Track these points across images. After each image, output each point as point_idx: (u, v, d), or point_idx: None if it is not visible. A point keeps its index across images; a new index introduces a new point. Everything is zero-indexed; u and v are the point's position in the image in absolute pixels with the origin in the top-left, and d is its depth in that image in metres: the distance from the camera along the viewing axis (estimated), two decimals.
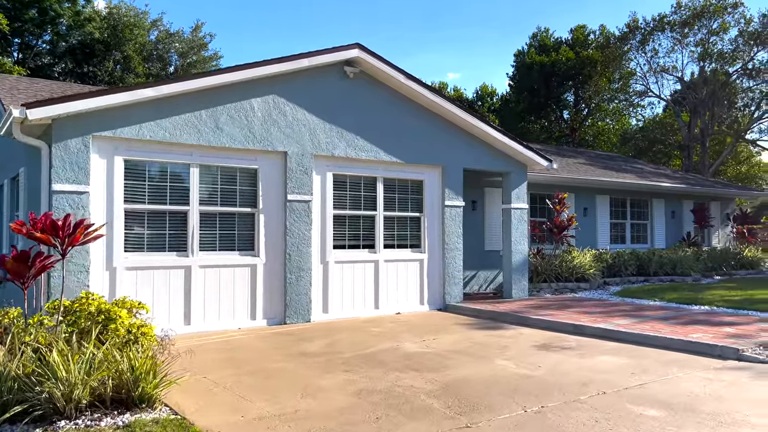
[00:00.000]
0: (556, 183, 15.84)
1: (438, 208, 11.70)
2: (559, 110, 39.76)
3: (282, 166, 9.74)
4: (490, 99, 47.95)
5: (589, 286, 14.02)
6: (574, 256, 14.40)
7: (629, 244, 18.30)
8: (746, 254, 19.17)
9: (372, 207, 10.88)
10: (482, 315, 10.74)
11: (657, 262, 16.42)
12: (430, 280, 11.53)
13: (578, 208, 16.72)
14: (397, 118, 11.06)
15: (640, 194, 18.50)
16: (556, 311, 10.48)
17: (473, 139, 12.08)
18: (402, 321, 10.00)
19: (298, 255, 9.71)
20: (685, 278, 16.26)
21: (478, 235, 14.38)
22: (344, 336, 8.48)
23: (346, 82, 10.45)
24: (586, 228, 16.91)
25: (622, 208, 18.24)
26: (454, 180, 11.79)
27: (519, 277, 12.80)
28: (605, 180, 16.70)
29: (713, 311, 10.43)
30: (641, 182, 17.67)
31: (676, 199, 19.65)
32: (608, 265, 15.53)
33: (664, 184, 18.38)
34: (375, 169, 10.89)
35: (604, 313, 10.26)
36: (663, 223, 19.15)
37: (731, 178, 33.49)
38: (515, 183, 12.84)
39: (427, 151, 11.43)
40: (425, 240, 11.51)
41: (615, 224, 18.04)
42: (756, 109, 31.84)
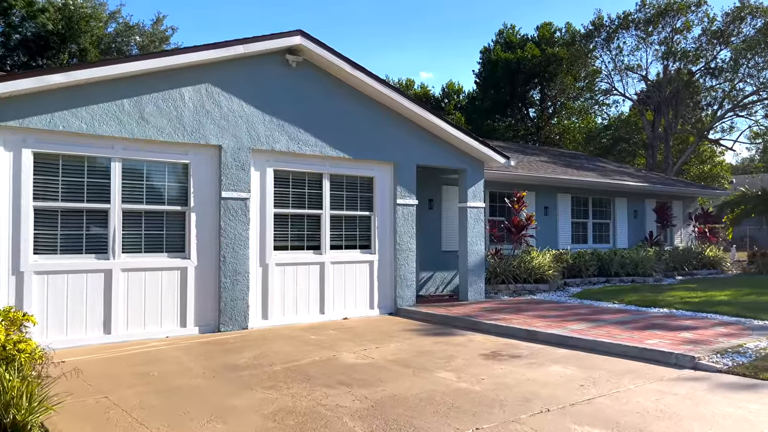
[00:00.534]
0: (516, 181, 15.46)
1: (390, 206, 11.17)
2: (525, 108, 39.66)
3: (216, 161, 9.09)
4: (457, 96, 47.68)
5: (548, 288, 13.66)
6: (533, 256, 14.02)
7: (591, 243, 18.05)
8: (708, 253, 19.11)
9: (317, 205, 10.29)
10: (434, 320, 10.24)
11: (618, 262, 16.18)
12: (381, 283, 10.99)
13: (539, 207, 16.38)
14: (345, 111, 10.49)
15: (602, 193, 18.28)
16: (511, 315, 10.05)
17: (427, 134, 11.58)
18: (347, 327, 9.44)
19: (234, 257, 9.07)
20: (646, 279, 16.05)
21: (435, 235, 13.90)
22: (279, 345, 7.88)
23: (288, 72, 9.84)
24: (547, 228, 16.59)
25: (584, 207, 17.98)
26: (407, 177, 11.27)
27: (475, 278, 12.36)
28: (566, 178, 16.40)
29: (672, 314, 10.11)
30: (603, 180, 17.43)
31: (639, 198, 19.49)
32: (569, 265, 15.22)
33: (626, 182, 18.18)
34: (321, 164, 10.30)
35: (560, 317, 9.85)
36: (625, 222, 18.97)
37: (694, 178, 33.77)
38: (472, 181, 12.39)
39: (378, 146, 10.89)
40: (376, 240, 10.97)
41: (577, 224, 17.77)
42: (718, 109, 32.15)
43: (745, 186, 19.46)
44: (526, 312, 10.43)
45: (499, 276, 13.59)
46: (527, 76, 36.22)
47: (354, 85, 10.53)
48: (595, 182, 17.17)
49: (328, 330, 9.15)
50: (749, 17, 29.40)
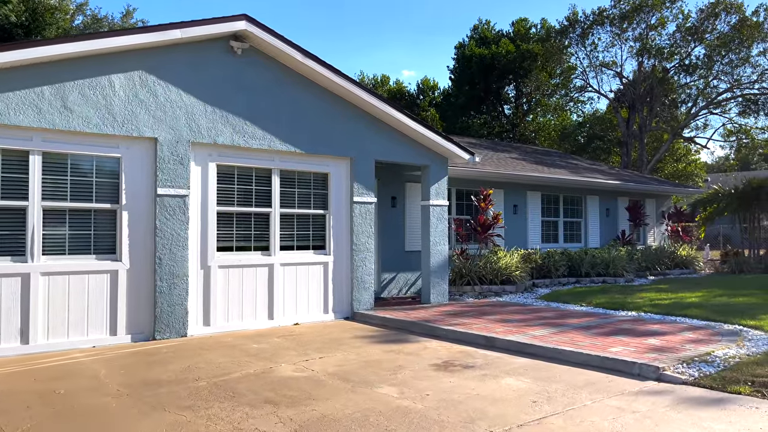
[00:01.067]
0: (484, 178, 15.01)
1: (346, 204, 10.61)
2: (500, 105, 39.36)
3: (151, 155, 8.44)
4: (432, 93, 47.27)
5: (515, 289, 13.22)
6: (500, 256, 13.57)
7: (562, 243, 17.68)
8: (680, 253, 18.87)
9: (266, 203, 9.69)
10: (390, 325, 9.72)
11: (589, 262, 15.81)
12: (336, 286, 10.42)
13: (508, 205, 15.95)
14: (297, 103, 9.90)
15: (573, 191, 17.92)
16: (472, 319, 9.56)
17: (387, 128, 11.04)
18: (295, 334, 8.86)
19: (171, 259, 8.43)
20: (617, 279, 15.71)
21: (398, 235, 13.37)
22: (214, 356, 7.28)
23: (233, 60, 9.22)
24: (516, 227, 16.17)
25: (554, 205, 17.60)
26: (365, 173, 10.72)
27: (438, 280, 11.86)
28: (536, 176, 15.98)
29: (640, 318, 9.70)
30: (574, 178, 17.06)
31: (612, 196, 19.19)
32: (537, 266, 14.80)
33: (597, 180, 17.84)
34: (270, 159, 9.70)
35: (523, 321, 9.39)
36: (597, 221, 18.64)
37: (669, 176, 33.75)
38: (435, 177, 11.88)
39: (333, 140, 10.32)
40: (331, 240, 10.40)
41: (547, 223, 17.38)
42: (692, 106, 32.13)
43: (718, 184, 19.26)
44: (489, 316, 9.95)
45: (465, 277, 13.12)
46: (501, 72, 35.90)
47: (306, 74, 9.95)
48: (566, 180, 16.80)
49: (273, 337, 8.57)
50: (723, 13, 29.39)
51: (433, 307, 11.25)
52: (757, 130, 32.01)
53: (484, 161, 16.10)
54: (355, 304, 10.50)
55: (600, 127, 35.69)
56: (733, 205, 18.17)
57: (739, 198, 18.02)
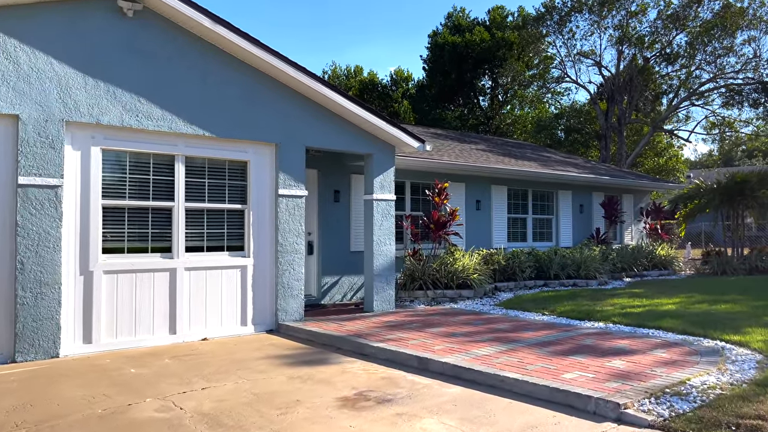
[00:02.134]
0: (442, 171, 13.73)
1: (270, 198, 9.26)
2: (475, 96, 38.20)
3: (11, 137, 7.02)
4: (406, 84, 46.02)
5: (473, 294, 11.97)
6: (456, 257, 12.31)
7: (531, 242, 16.49)
8: (659, 253, 17.79)
9: (168, 196, 8.31)
10: (317, 340, 8.41)
11: (558, 263, 14.63)
12: (257, 294, 9.08)
13: (469, 200, 14.70)
14: (208, 78, 8.53)
15: (544, 185, 16.73)
16: (414, 332, 8.28)
17: (322, 110, 9.72)
18: (194, 354, 7.51)
19: (38, 263, 7.03)
20: (589, 282, 14.55)
21: (342, 233, 12.04)
22: (68, 387, 5.90)
23: (124, 24, 7.82)
24: (479, 224, 14.93)
25: (522, 201, 16.40)
26: (293, 162, 9.38)
27: (383, 285, 10.57)
28: (500, 168, 14.75)
29: (607, 331, 8.49)
30: (542, 171, 15.87)
31: (586, 191, 18.05)
32: (500, 267, 13.57)
33: (569, 173, 16.68)
34: (172, 144, 8.32)
35: (472, 335, 8.13)
36: (570, 218, 17.49)
37: (649, 171, 32.84)
38: (379, 168, 10.58)
39: (254, 122, 8.97)
40: (250, 241, 9.05)
41: (514, 220, 16.18)
42: (674, 97, 31.18)
43: (700, 179, 18.22)
44: (434, 328, 8.68)
45: (417, 281, 11.85)
46: (476, 62, 34.72)
47: (219, 44, 8.58)
48: (534, 173, 15.60)
49: (165, 358, 7.20)
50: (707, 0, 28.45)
51: (375, 316, 9.95)
52: (741, 123, 31.18)
53: (443, 151, 14.85)
54: (280, 314, 9.16)
55: (578, 120, 34.66)
56: (715, 201, 17.12)
57: (722, 193, 16.97)
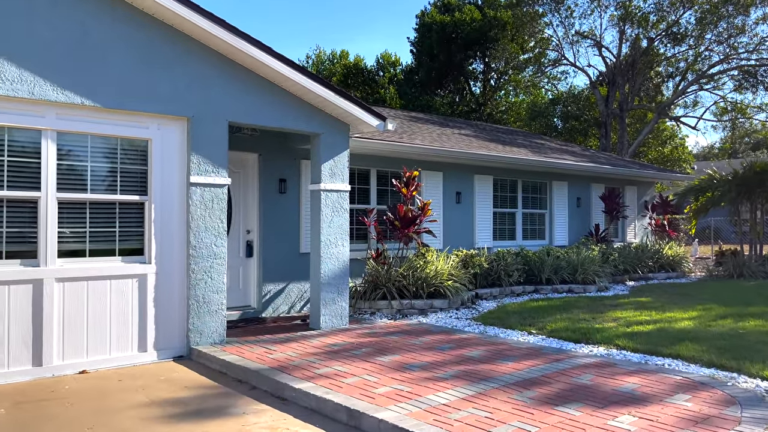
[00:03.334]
0: (415, 156, 11.88)
1: (179, 187, 7.40)
2: (465, 81, 36.35)
3: None
4: (393, 69, 44.08)
5: (447, 305, 10.16)
6: (428, 260, 10.50)
7: (521, 240, 14.69)
8: (666, 252, 16.04)
9: (31, 184, 6.44)
10: (231, 373, 6.59)
11: (551, 265, 12.84)
12: (162, 310, 7.23)
13: (448, 192, 12.86)
14: (90, 31, 6.65)
15: (536, 175, 14.92)
16: (358, 363, 6.47)
17: (251, 77, 7.87)
18: (51, 398, 5.66)
19: None
20: (587, 287, 12.75)
21: (289, 231, 10.19)
22: None
23: None
24: (459, 220, 13.10)
25: (511, 193, 14.58)
26: (212, 141, 7.53)
27: (333, 296, 8.74)
28: (484, 154, 12.90)
29: (610, 361, 6.68)
30: (534, 158, 14.04)
31: (584, 182, 16.25)
32: (483, 271, 11.75)
33: (564, 161, 14.87)
34: (38, 115, 6.44)
35: (433, 367, 6.32)
36: (566, 213, 15.69)
37: (653, 161, 31.08)
38: (330, 151, 8.75)
39: (155, 89, 7.10)
40: (152, 242, 7.19)
41: (501, 215, 14.35)
42: (681, 80, 29.35)
43: (713, 168, 16.45)
44: (388, 355, 6.86)
45: (380, 289, 10.03)
46: (466, 43, 32.81)
47: None
48: (524, 160, 13.77)
49: (1, 406, 5.35)
50: None
51: (319, 336, 8.13)
52: (754, 109, 29.34)
53: (418, 135, 13.00)
54: (193, 336, 7.32)
55: (576, 106, 32.80)
56: (731, 194, 15.35)
57: (740, 185, 15.19)
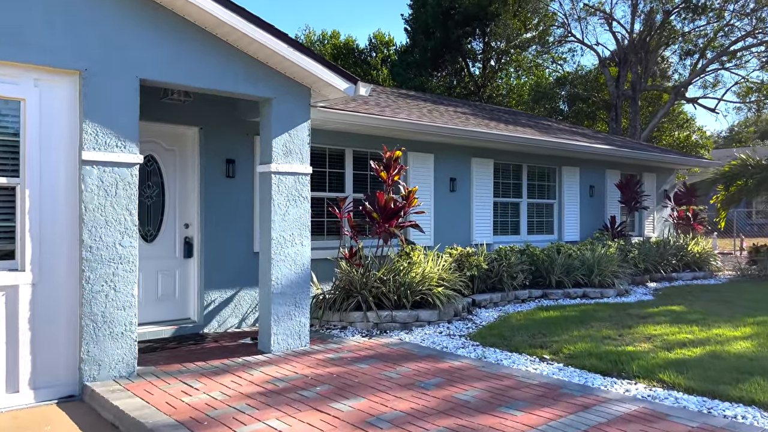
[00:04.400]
0: (399, 134, 10.02)
1: (68, 166, 5.55)
2: (463, 61, 34.42)
3: None
4: (387, 49, 42.16)
5: (436, 317, 8.34)
6: (414, 261, 8.68)
7: (525, 235, 12.87)
8: (692, 249, 14.26)
9: None
10: (122, 427, 4.76)
11: (563, 265, 11.05)
12: (42, 334, 5.40)
13: (440, 178, 11.02)
14: None
15: (543, 159, 13.08)
16: (304, 413, 4.67)
17: (173, 20, 6.01)
18: None
19: None
20: (605, 291, 10.96)
21: (240, 224, 8.34)
22: None
23: None
24: (454, 211, 11.27)
25: (515, 179, 12.74)
26: (116, 104, 5.67)
27: (289, 309, 6.93)
28: (484, 133, 11.03)
29: (656, 407, 4.85)
30: (542, 138, 12.18)
31: (598, 168, 14.42)
32: (482, 273, 9.93)
33: (578, 143, 13.03)
34: None
35: (409, 421, 4.51)
36: (577, 203, 13.86)
37: (668, 147, 29.23)
38: (284, 122, 6.92)
39: (30, 30, 5.23)
40: (26, 241, 5.34)
41: (503, 206, 12.53)
42: (700, 58, 27.40)
43: (746, 153, 14.61)
44: (349, 398, 5.05)
45: (354, 297, 8.21)
46: (464, 19, 30.82)
47: None
48: (531, 140, 11.90)
49: None
50: None
51: (266, 364, 6.30)
52: None
53: (405, 110, 11.13)
54: (88, 368, 5.49)
55: (583, 87, 30.84)
56: None
57: None
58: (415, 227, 9.08)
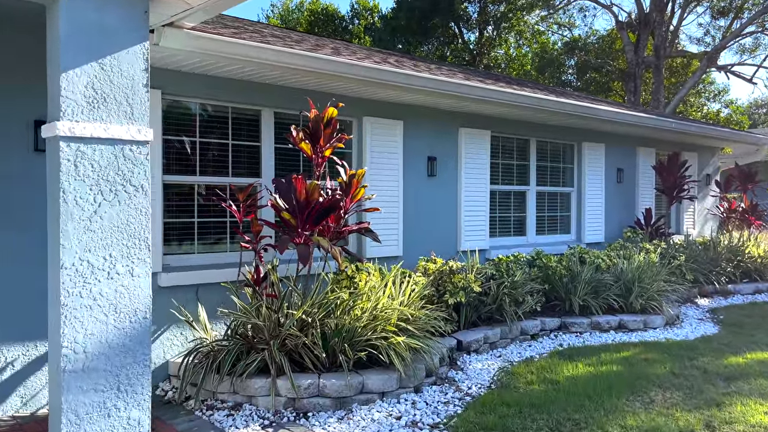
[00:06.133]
0: (343, 88, 6.80)
1: None
2: (456, 27, 31.17)
3: None
4: (371, 16, 38.94)
5: (395, 383, 5.20)
6: (360, 290, 5.52)
7: (534, 236, 9.75)
8: (751, 251, 11.19)
9: None
10: None
11: (588, 281, 7.94)
12: None
13: (411, 155, 7.82)
14: None
15: (558, 134, 9.92)
16: None
17: None
18: None
19: None
20: (649, 319, 7.88)
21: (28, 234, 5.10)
22: None
23: None
24: (433, 205, 8.09)
25: (520, 160, 9.58)
26: None
27: (104, 396, 3.82)
28: (478, 88, 7.77)
29: None
30: (560, 100, 8.91)
31: (628, 145, 11.29)
32: (472, 298, 6.79)
33: (605, 107, 9.85)
34: None
35: None
36: (601, 191, 10.73)
37: None
38: (90, 42, 3.74)
39: None
40: None
41: (504, 196, 9.37)
42: (734, 19, 24.17)
43: None
44: None
45: (258, 351, 5.07)
46: None
47: None
48: (546, 102, 8.59)
49: None
50: None
51: None
52: None
53: (363, 60, 7.89)
54: None
55: (596, 54, 27.55)
56: None
57: None
58: (366, 233, 5.89)
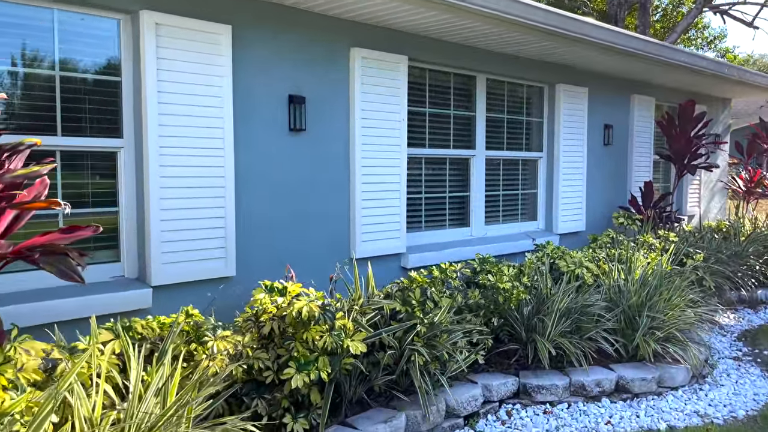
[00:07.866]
0: None
1: None
2: None
3: None
4: None
5: None
6: None
7: (483, 226, 6.57)
8: None
9: None
10: None
11: (565, 312, 4.80)
12: None
13: (262, 92, 4.49)
14: None
15: (520, 66, 6.68)
16: None
17: None
18: None
19: None
20: (666, 372, 4.83)
21: None
22: None
23: None
24: (301, 181, 4.78)
25: (460, 109, 6.32)
26: None
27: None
28: None
29: None
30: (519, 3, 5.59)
31: (618, 91, 8.14)
32: (344, 368, 3.58)
33: (589, 21, 6.58)
34: None
35: None
36: (582, 157, 7.59)
37: None
38: None
39: None
40: None
41: (434, 166, 6.13)
42: None
43: None
44: None
45: None
46: None
47: None
48: (501, 5, 5.31)
49: None
50: None
51: None
52: None
53: None
54: None
55: None
56: None
57: None
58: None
